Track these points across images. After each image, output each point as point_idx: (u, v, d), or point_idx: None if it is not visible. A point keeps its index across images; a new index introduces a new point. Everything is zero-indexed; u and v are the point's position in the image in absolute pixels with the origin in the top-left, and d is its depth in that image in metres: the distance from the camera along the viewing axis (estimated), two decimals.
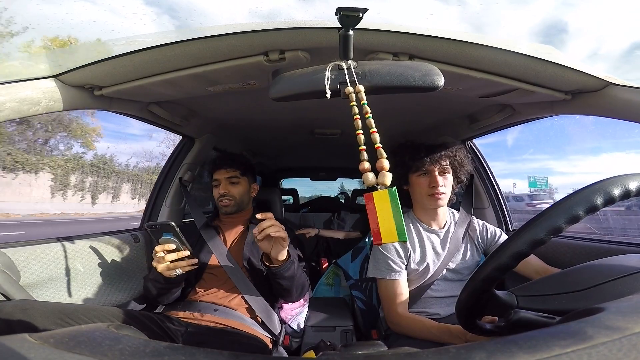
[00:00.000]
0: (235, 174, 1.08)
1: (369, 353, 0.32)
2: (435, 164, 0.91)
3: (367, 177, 0.40)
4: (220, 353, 0.26)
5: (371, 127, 0.42)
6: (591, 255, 0.94)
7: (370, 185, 0.40)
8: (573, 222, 0.39)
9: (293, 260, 0.88)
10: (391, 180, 0.40)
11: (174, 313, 0.92)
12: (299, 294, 0.97)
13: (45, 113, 0.73)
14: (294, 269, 0.89)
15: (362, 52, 0.67)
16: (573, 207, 0.39)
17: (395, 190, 0.39)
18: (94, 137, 20.97)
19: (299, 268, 0.94)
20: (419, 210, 1.00)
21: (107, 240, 1.09)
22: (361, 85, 0.45)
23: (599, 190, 0.40)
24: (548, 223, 0.40)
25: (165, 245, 0.82)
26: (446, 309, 0.92)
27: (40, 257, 0.87)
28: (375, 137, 0.41)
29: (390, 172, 0.40)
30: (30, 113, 0.68)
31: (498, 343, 0.25)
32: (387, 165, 0.40)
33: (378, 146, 0.41)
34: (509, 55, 0.69)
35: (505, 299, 0.46)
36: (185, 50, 0.69)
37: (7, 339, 0.27)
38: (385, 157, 0.40)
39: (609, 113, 0.77)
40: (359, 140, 0.42)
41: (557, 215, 0.40)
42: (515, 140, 20.60)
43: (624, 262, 0.47)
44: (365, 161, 0.41)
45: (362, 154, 0.42)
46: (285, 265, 0.85)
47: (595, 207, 0.39)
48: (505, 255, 0.42)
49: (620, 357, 0.22)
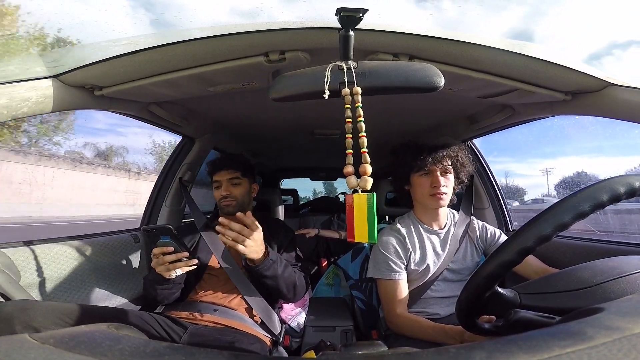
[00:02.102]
0: (236, 175, 1.08)
1: (369, 353, 0.32)
2: (437, 164, 0.91)
3: (349, 180, 0.43)
4: (220, 353, 0.26)
5: (361, 131, 0.43)
6: (591, 255, 0.94)
7: (352, 188, 0.43)
8: (579, 218, 0.40)
9: (273, 260, 0.89)
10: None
11: (174, 313, 0.92)
12: (292, 294, 0.97)
13: (45, 113, 0.73)
14: (276, 269, 0.89)
15: (362, 53, 0.67)
16: (580, 203, 0.40)
17: (374, 196, 0.42)
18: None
19: (287, 267, 0.94)
20: (420, 211, 1.00)
21: (107, 241, 1.09)
22: (361, 85, 0.45)
23: (606, 187, 0.40)
24: (555, 219, 0.40)
25: (163, 247, 0.82)
26: (446, 309, 0.93)
27: (40, 257, 0.87)
28: (363, 142, 0.43)
29: (371, 177, 0.42)
30: (30, 113, 0.68)
31: (498, 343, 0.25)
32: (369, 170, 0.42)
33: (364, 151, 0.43)
34: (509, 56, 0.69)
35: (507, 297, 0.46)
36: (185, 50, 0.69)
37: (7, 339, 0.27)
38: (369, 162, 0.43)
39: (609, 113, 0.77)
40: (347, 144, 0.44)
41: (563, 211, 0.40)
42: (482, 142, 20.99)
43: (626, 262, 0.47)
44: (349, 165, 0.43)
45: (348, 157, 0.44)
46: (262, 265, 0.86)
47: (602, 204, 0.40)
48: (510, 251, 0.42)
49: (620, 357, 0.22)
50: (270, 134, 1.61)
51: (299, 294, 1.00)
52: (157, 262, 0.82)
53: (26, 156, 11.78)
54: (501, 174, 14.26)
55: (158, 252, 0.81)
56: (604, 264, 0.48)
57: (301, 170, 3.08)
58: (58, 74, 0.72)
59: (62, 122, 16.44)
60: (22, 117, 0.68)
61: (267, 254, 0.88)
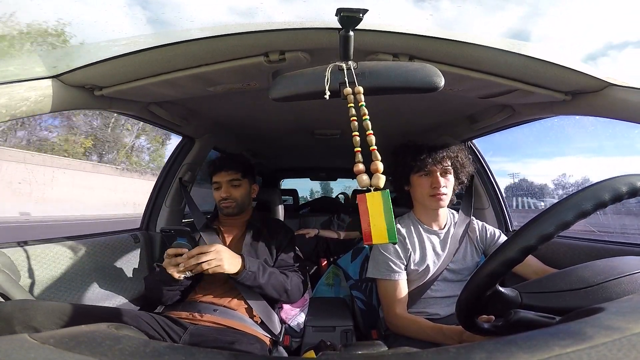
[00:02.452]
0: (236, 177, 1.08)
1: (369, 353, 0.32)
2: (437, 165, 0.91)
3: (361, 179, 0.41)
4: (220, 353, 0.26)
5: (368, 129, 0.42)
6: (591, 255, 0.94)
7: (364, 187, 0.41)
8: (582, 217, 0.40)
9: (253, 271, 0.90)
10: (386, 182, 0.41)
11: (174, 313, 0.92)
12: (286, 298, 0.98)
13: (45, 113, 0.73)
14: (258, 279, 0.91)
15: (362, 53, 0.67)
16: (582, 202, 0.40)
17: (388, 192, 0.40)
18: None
19: (273, 275, 0.95)
20: (420, 211, 1.00)
21: (107, 241, 1.09)
22: (361, 86, 0.45)
23: (608, 186, 0.40)
24: (557, 218, 0.40)
25: (178, 249, 0.84)
26: (446, 309, 0.92)
27: (40, 257, 0.87)
28: (371, 139, 0.42)
29: (384, 175, 0.40)
30: (29, 113, 0.68)
31: (498, 343, 0.25)
32: (381, 167, 0.40)
33: (373, 148, 0.41)
34: (509, 56, 0.69)
35: (509, 296, 0.46)
36: (185, 50, 0.69)
37: (7, 339, 0.27)
38: (379, 159, 0.41)
39: (609, 114, 0.77)
40: (355, 142, 0.43)
41: (566, 210, 0.40)
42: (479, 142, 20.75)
43: (627, 262, 0.48)
44: (359, 163, 0.42)
45: (357, 155, 0.42)
46: (241, 277, 0.88)
47: (604, 203, 0.40)
48: (513, 249, 0.42)
49: (620, 357, 0.22)
50: (270, 134, 1.61)
51: (293, 297, 1.01)
52: (169, 262, 0.84)
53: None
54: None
55: (172, 252, 0.84)
56: (605, 264, 0.48)
57: (301, 171, 3.08)
58: (58, 74, 0.72)
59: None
60: (22, 118, 0.68)
61: (244, 266, 0.89)
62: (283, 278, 0.98)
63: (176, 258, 0.83)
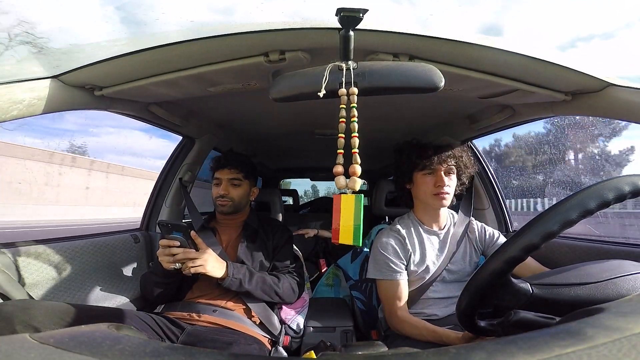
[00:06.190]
0: (238, 176, 1.08)
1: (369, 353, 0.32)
2: (442, 164, 0.92)
3: (338, 180, 0.43)
4: (220, 353, 0.26)
5: (353, 131, 0.43)
6: (591, 255, 0.94)
7: (341, 188, 0.43)
8: (585, 215, 0.41)
9: (238, 278, 0.91)
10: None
11: (173, 314, 0.92)
12: (279, 300, 1.00)
13: (45, 113, 0.73)
14: (244, 285, 0.92)
15: (362, 53, 0.67)
16: (586, 200, 0.41)
17: (362, 197, 0.41)
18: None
19: (261, 281, 0.96)
20: (421, 211, 1.00)
21: (107, 241, 1.09)
22: (361, 86, 0.45)
23: (612, 186, 0.41)
24: (561, 216, 0.41)
25: (170, 241, 0.86)
26: (444, 310, 0.92)
27: (40, 257, 0.87)
28: (354, 142, 0.43)
29: (361, 179, 0.42)
30: (29, 114, 0.68)
31: (498, 343, 0.25)
32: (359, 171, 0.42)
33: (355, 151, 0.43)
34: (509, 56, 0.69)
35: (520, 286, 0.46)
36: (185, 50, 0.69)
37: (7, 339, 0.27)
38: (359, 163, 0.43)
39: (609, 114, 0.77)
40: (339, 144, 0.44)
41: (570, 208, 0.41)
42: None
43: (635, 264, 0.48)
44: (339, 164, 0.43)
45: (339, 157, 0.43)
46: (226, 283, 0.90)
47: (607, 202, 0.41)
48: (516, 247, 0.42)
49: (620, 357, 0.22)
50: (271, 134, 1.61)
51: (287, 299, 1.01)
52: (162, 251, 0.86)
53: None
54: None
55: (165, 243, 0.86)
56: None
57: (301, 171, 3.08)
58: (58, 74, 0.72)
59: None
60: (22, 118, 0.68)
61: (228, 273, 0.90)
62: (274, 282, 0.98)
63: (170, 249, 0.85)
